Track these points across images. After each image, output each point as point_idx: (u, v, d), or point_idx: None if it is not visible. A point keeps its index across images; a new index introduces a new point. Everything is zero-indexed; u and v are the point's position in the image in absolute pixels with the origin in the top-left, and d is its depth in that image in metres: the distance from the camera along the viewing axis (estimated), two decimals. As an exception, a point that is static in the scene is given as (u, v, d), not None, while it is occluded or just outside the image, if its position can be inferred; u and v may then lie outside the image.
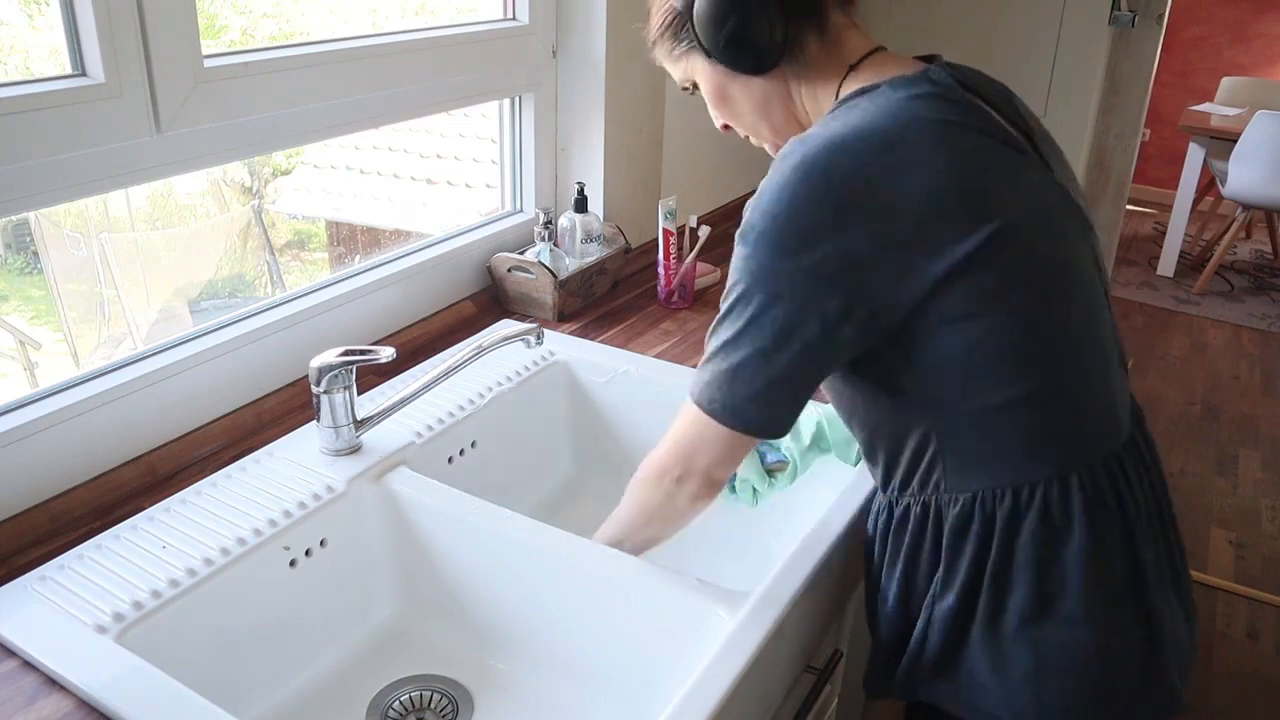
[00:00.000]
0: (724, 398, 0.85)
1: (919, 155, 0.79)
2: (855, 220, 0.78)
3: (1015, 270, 0.80)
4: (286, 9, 1.88)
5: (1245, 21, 5.54)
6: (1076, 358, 0.84)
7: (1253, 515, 2.93)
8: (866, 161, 0.79)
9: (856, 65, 0.89)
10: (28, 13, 1.19)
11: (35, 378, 2.43)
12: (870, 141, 0.79)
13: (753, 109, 0.94)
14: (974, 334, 0.80)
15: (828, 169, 0.78)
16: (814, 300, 0.79)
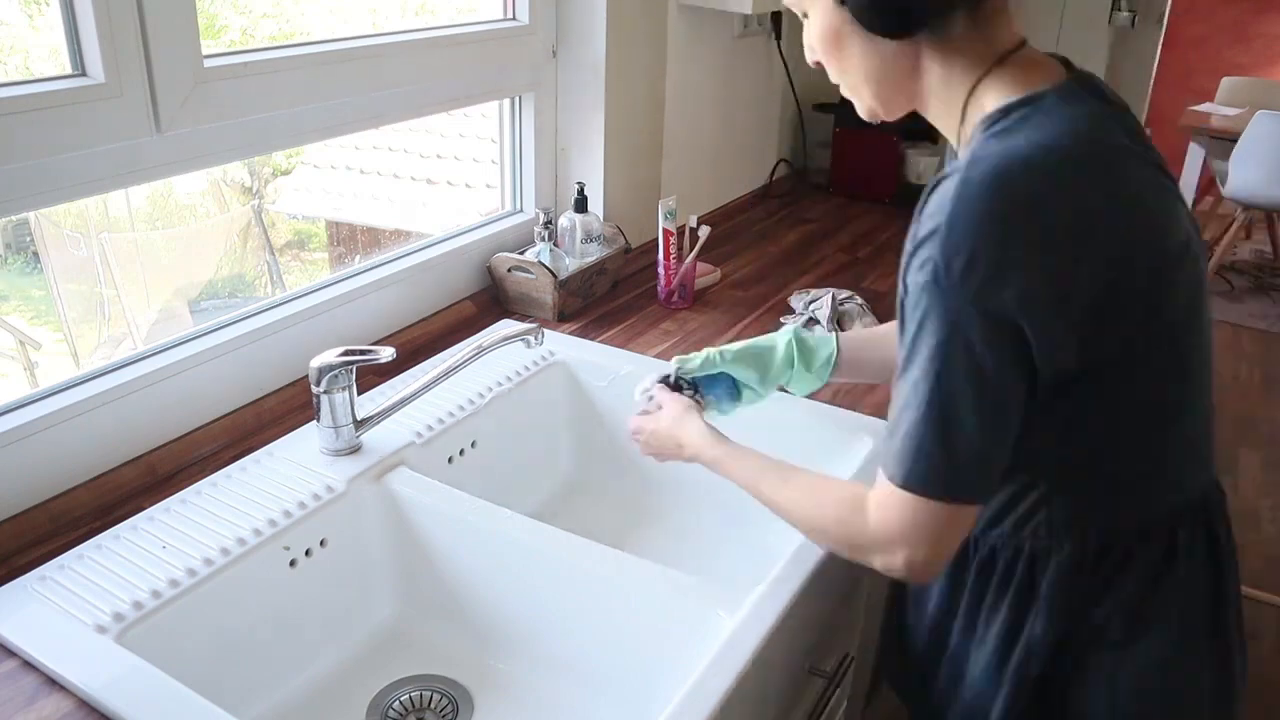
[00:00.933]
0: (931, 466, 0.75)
1: (1109, 185, 0.73)
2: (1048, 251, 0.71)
3: (1173, 318, 0.77)
4: (286, 9, 1.88)
5: (1245, 21, 5.54)
6: (1201, 403, 0.83)
7: (1253, 515, 2.93)
8: (1061, 187, 0.72)
9: (1006, 57, 0.79)
10: (28, 13, 1.19)
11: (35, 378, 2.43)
12: (1065, 167, 0.72)
13: (864, 71, 0.83)
14: (1112, 385, 0.76)
15: (1022, 196, 0.71)
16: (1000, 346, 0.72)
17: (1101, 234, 0.72)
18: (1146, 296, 0.74)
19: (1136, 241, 0.74)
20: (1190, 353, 0.80)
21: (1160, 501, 0.83)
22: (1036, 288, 0.70)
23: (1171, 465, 0.83)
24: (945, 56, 0.79)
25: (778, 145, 2.32)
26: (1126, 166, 0.75)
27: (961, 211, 0.71)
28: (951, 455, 0.74)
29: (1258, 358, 3.99)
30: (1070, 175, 0.72)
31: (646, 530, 1.29)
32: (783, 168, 2.31)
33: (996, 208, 0.70)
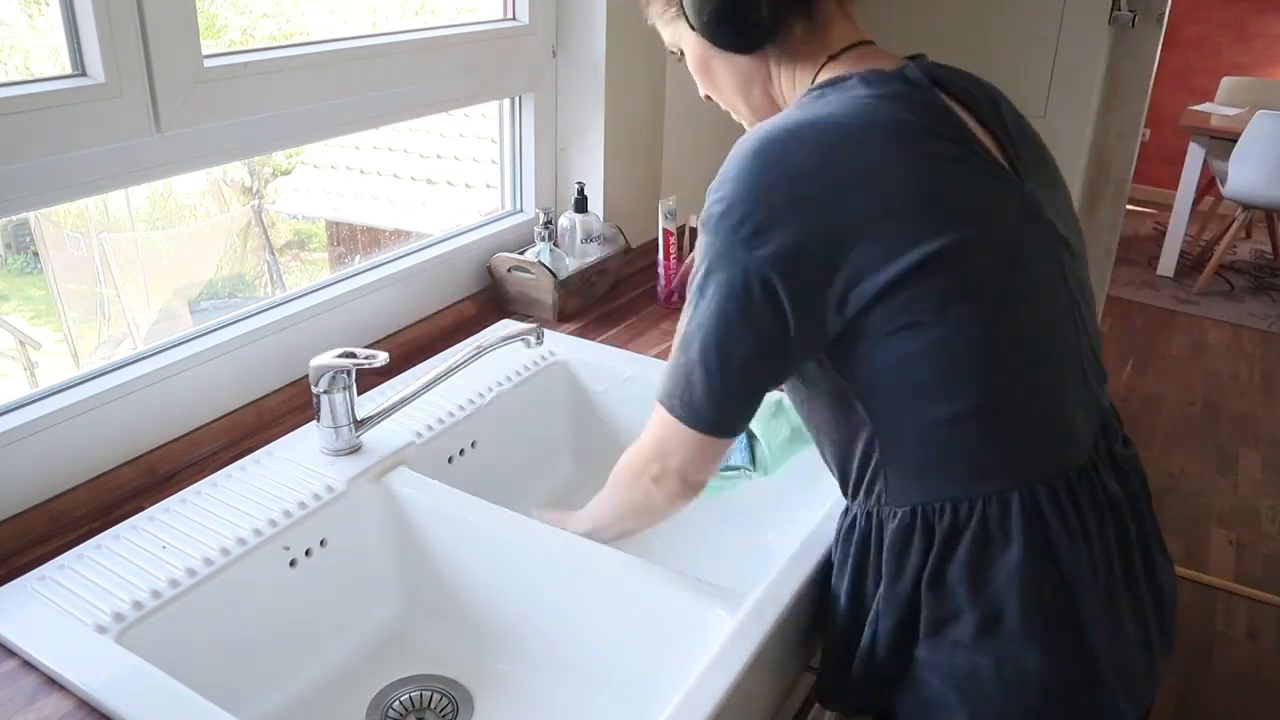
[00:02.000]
0: (683, 395, 0.83)
1: (876, 155, 0.78)
2: (806, 212, 0.76)
3: (960, 285, 0.78)
4: (286, 9, 1.88)
5: (1245, 21, 5.54)
6: (1025, 376, 0.81)
7: (1253, 515, 2.93)
8: (822, 154, 0.78)
9: (837, 55, 0.87)
10: (28, 13, 1.19)
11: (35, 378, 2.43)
12: (829, 135, 0.78)
13: (733, 86, 0.93)
14: (914, 346, 0.78)
15: (781, 157, 0.78)
16: (766, 291, 0.77)
17: (856, 197, 0.76)
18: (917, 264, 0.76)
19: (897, 211, 0.77)
20: (998, 319, 0.79)
21: (987, 474, 0.81)
22: (783, 244, 0.76)
23: (1000, 438, 0.81)
24: (789, 62, 0.89)
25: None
26: (905, 142, 0.79)
27: (730, 166, 0.80)
28: (690, 387, 0.82)
29: (1258, 358, 4.00)
30: (829, 142, 0.78)
31: (646, 530, 1.28)
32: (783, 168, 2.30)
33: (752, 165, 0.78)
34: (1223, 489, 3.06)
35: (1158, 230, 5.22)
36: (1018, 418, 0.82)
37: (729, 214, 0.78)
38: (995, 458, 0.81)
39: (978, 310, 0.78)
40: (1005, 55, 2.14)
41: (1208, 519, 2.90)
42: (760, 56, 0.89)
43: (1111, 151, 2.20)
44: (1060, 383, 0.84)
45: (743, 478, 1.11)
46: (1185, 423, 3.46)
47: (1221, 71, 5.38)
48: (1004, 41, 2.14)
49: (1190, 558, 2.71)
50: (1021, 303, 0.81)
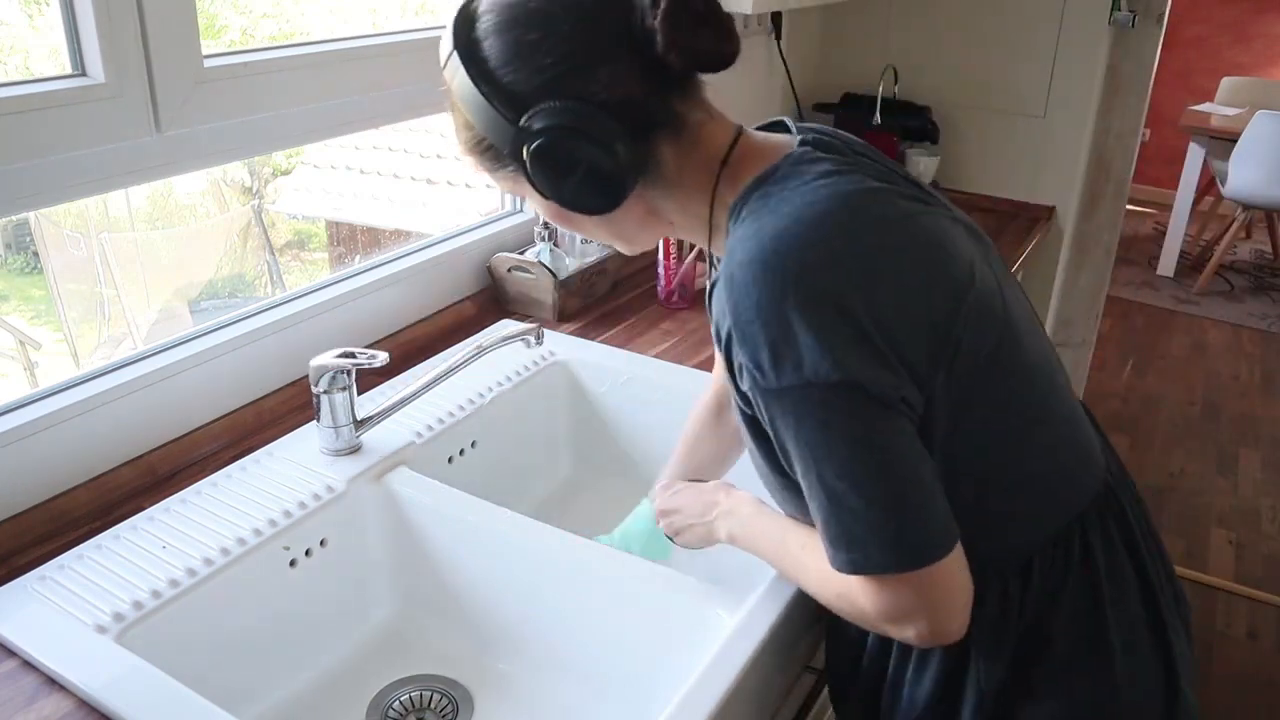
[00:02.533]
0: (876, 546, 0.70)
1: (878, 238, 0.73)
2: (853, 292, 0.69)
3: (989, 336, 0.75)
4: (286, 9, 1.88)
5: (1245, 21, 5.54)
6: (1055, 414, 0.81)
7: (1253, 515, 2.93)
8: (830, 250, 0.70)
9: (726, 159, 0.79)
10: (28, 13, 1.19)
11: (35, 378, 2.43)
12: (823, 229, 0.71)
13: (605, 234, 0.85)
14: (970, 405, 0.74)
15: (796, 272, 0.69)
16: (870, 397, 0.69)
17: (881, 292, 0.70)
18: (949, 327, 0.72)
19: (921, 275, 0.72)
20: (1015, 373, 0.77)
21: (1034, 524, 0.80)
22: (838, 346, 0.68)
23: (1038, 487, 0.80)
24: (670, 189, 0.80)
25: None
26: (884, 205, 0.74)
27: (740, 306, 0.70)
28: (881, 529, 0.69)
29: (1258, 358, 4.00)
30: (829, 232, 0.71)
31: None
32: (783, 168, 2.30)
33: (767, 288, 0.69)
34: (1223, 489, 3.06)
35: (1158, 230, 5.22)
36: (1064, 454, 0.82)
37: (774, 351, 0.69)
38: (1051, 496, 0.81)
39: (1012, 354, 0.77)
40: (1005, 55, 2.14)
41: (1208, 519, 2.90)
42: (635, 197, 0.78)
43: (1111, 151, 2.20)
44: (1072, 403, 0.84)
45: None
46: (1185, 423, 3.46)
47: (1221, 71, 5.38)
48: (1004, 41, 2.14)
49: (1190, 558, 2.71)
50: (1023, 338, 0.79)
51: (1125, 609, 0.82)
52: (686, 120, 0.78)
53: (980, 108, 2.20)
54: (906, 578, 0.70)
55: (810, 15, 2.31)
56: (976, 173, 2.25)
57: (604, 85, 0.73)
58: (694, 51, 0.73)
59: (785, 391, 0.69)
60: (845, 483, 0.70)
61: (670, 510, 1.00)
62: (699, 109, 0.79)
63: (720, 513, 0.93)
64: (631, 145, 0.74)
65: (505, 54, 0.74)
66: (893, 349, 0.69)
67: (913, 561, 0.70)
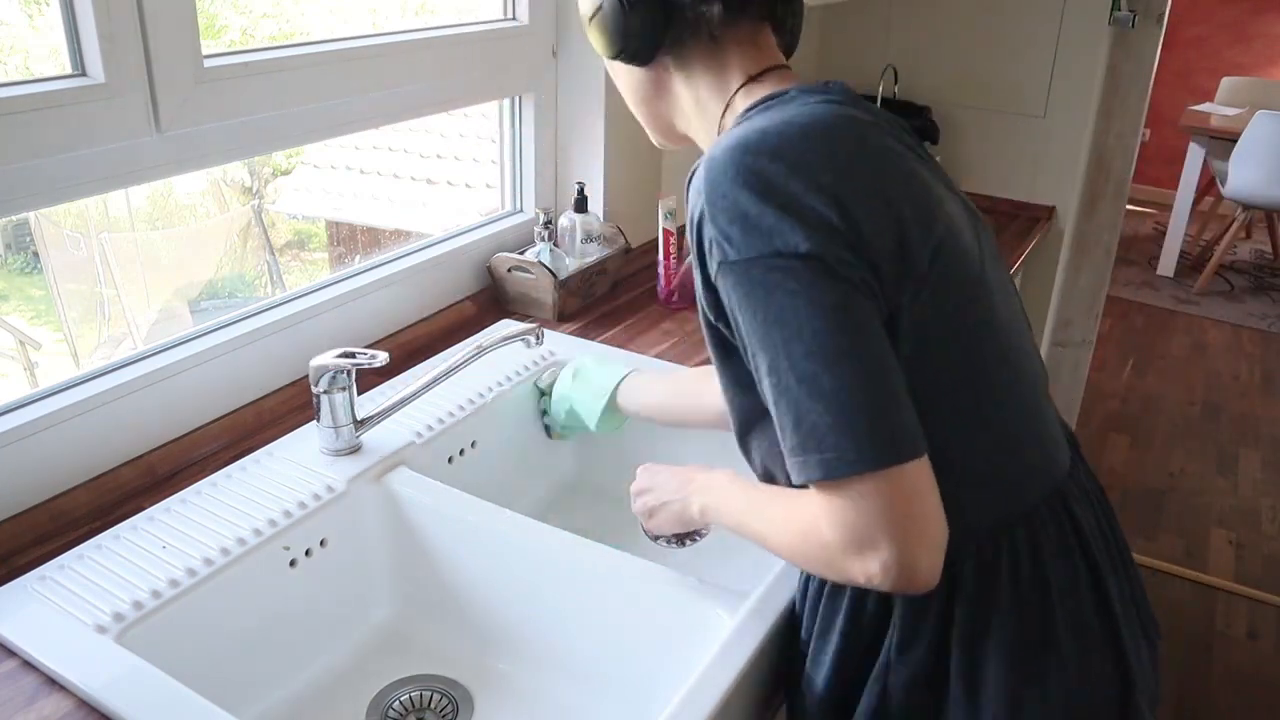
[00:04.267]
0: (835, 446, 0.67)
1: (865, 144, 0.75)
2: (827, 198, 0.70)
3: (955, 292, 0.75)
4: (286, 9, 1.88)
5: (1245, 21, 5.54)
6: (1020, 389, 0.80)
7: (1253, 515, 2.93)
8: (816, 146, 0.73)
9: (758, 77, 0.83)
10: (28, 13, 1.19)
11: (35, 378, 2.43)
12: (813, 130, 0.74)
13: (630, 98, 0.93)
14: (929, 362, 0.73)
15: (774, 152, 0.72)
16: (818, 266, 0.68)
17: (852, 186, 0.71)
18: (916, 250, 0.72)
19: (889, 197, 0.73)
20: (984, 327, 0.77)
21: (1001, 506, 0.78)
22: (810, 223, 0.69)
23: (999, 463, 0.78)
24: (692, 82, 0.86)
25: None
26: (881, 138, 0.77)
27: (715, 181, 0.72)
28: (854, 418, 0.66)
29: (1258, 358, 4.00)
30: (817, 134, 0.74)
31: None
32: (783, 168, 2.30)
33: (744, 165, 0.71)
34: (1223, 489, 3.06)
35: (1158, 230, 5.22)
36: (1015, 435, 0.80)
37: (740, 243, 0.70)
38: (1003, 484, 0.79)
39: (968, 321, 0.76)
40: (1005, 55, 2.14)
41: (1208, 519, 2.90)
42: (659, 73, 0.87)
43: (1111, 151, 2.20)
44: (1036, 390, 0.83)
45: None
46: (1185, 423, 3.46)
47: (1221, 71, 5.38)
48: (1004, 41, 2.14)
49: (1190, 558, 2.71)
50: (994, 314, 0.78)
51: (1069, 609, 0.79)
52: (722, 31, 0.82)
53: (980, 108, 2.20)
54: (877, 484, 0.66)
55: (810, 15, 2.31)
56: (976, 173, 2.25)
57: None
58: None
59: (754, 262, 0.69)
60: (815, 362, 0.67)
61: (645, 489, 0.97)
62: (742, 30, 0.84)
63: (696, 488, 0.91)
64: (661, 15, 0.81)
65: None
66: (862, 247, 0.69)
67: (888, 455, 0.66)
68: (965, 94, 2.21)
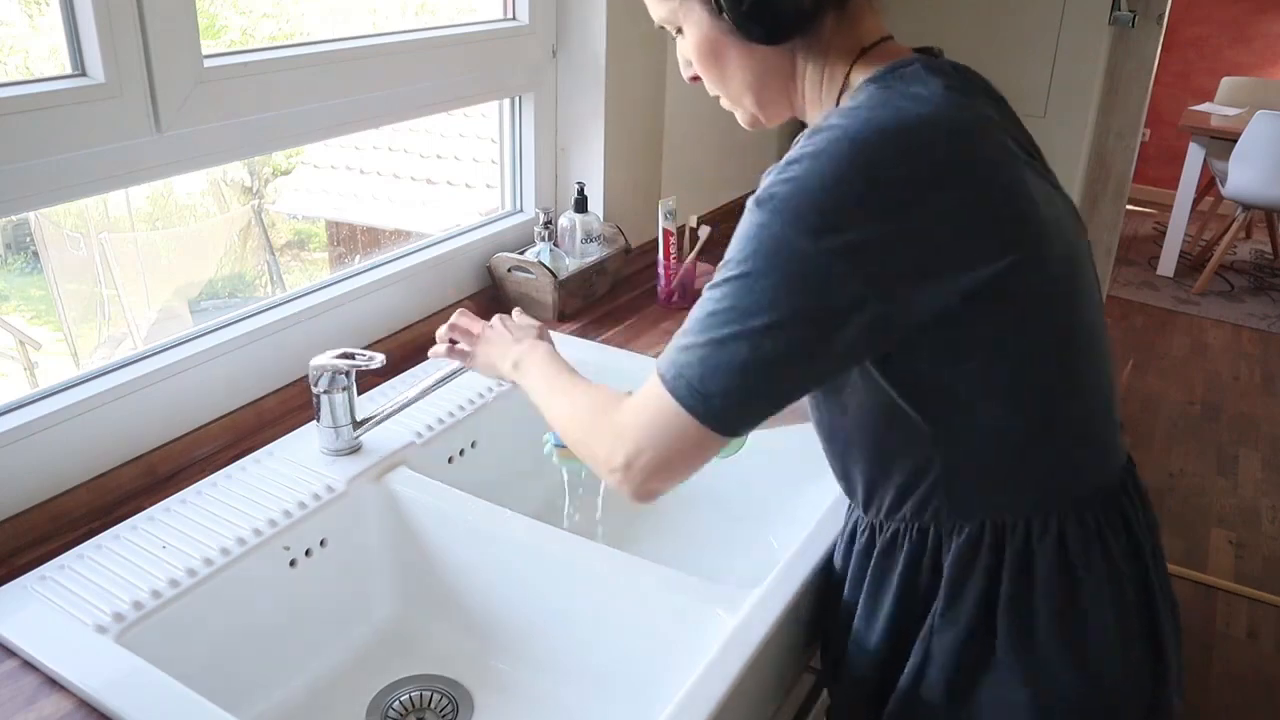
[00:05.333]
0: (695, 377, 0.74)
1: (968, 155, 0.73)
2: (894, 211, 0.70)
3: (1035, 300, 0.76)
4: (287, 9, 1.88)
5: (1245, 21, 5.54)
6: (1094, 388, 0.82)
7: (1253, 515, 2.93)
8: (919, 152, 0.72)
9: (869, 49, 0.81)
10: (28, 13, 1.19)
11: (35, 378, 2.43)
12: (925, 132, 0.72)
13: (746, 79, 0.84)
14: (985, 358, 0.75)
15: (878, 150, 0.71)
16: (825, 289, 0.70)
17: (943, 199, 0.71)
18: (1010, 268, 0.73)
19: (993, 211, 0.73)
20: (1070, 332, 0.79)
21: (1058, 485, 0.81)
22: (854, 241, 0.70)
23: (1065, 447, 0.80)
24: (817, 56, 0.82)
25: (778, 145, 2.32)
26: (993, 137, 0.76)
27: (810, 150, 0.72)
28: (708, 373, 0.73)
29: (1258, 358, 4.00)
30: (926, 141, 0.72)
31: (646, 530, 1.29)
32: (783, 168, 2.31)
33: (836, 154, 0.71)
34: (1223, 489, 3.06)
35: (1158, 230, 5.22)
36: (1081, 431, 0.81)
37: (803, 199, 0.71)
38: (1062, 472, 0.80)
39: (1048, 326, 0.77)
40: (1005, 55, 2.14)
41: (1208, 519, 2.90)
42: (787, 49, 0.82)
43: (1111, 151, 2.20)
44: (1110, 390, 0.84)
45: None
46: (1185, 423, 3.46)
47: (1221, 71, 5.38)
48: (1004, 41, 2.14)
49: (1190, 558, 2.71)
50: (1084, 314, 0.80)
51: (1113, 594, 0.81)
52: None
53: (980, 108, 2.19)
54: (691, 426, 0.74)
55: (810, 15, 2.31)
56: (976, 173, 2.25)
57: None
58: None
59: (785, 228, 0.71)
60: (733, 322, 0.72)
61: (488, 338, 1.05)
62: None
63: (528, 345, 1.00)
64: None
65: None
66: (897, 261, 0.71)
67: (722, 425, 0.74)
68: (965, 94, 2.21)
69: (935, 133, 0.73)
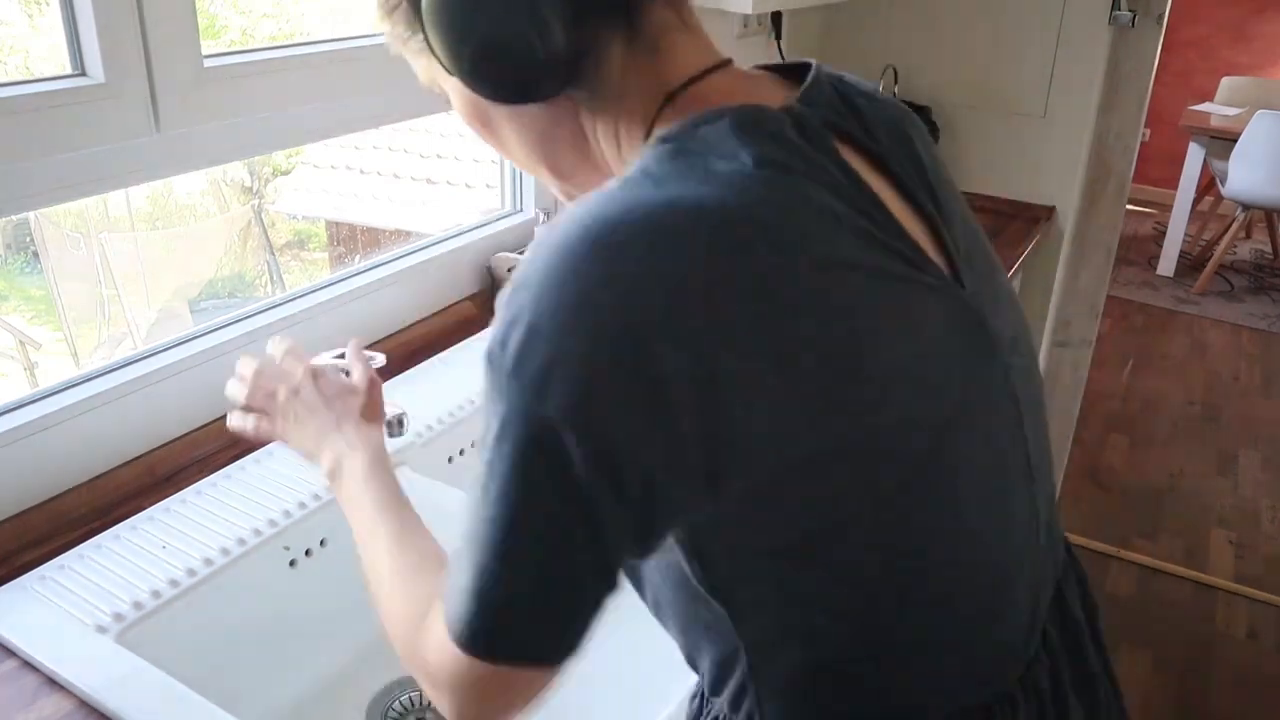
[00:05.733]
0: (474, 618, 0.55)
1: (770, 264, 0.51)
2: (647, 345, 0.48)
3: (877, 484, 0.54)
4: (287, 9, 1.88)
5: (1245, 21, 5.54)
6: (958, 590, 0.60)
7: (1253, 515, 2.93)
8: (682, 256, 0.49)
9: (685, 87, 0.59)
10: (28, 13, 1.19)
11: (35, 378, 2.43)
12: (696, 225, 0.50)
13: (525, 146, 0.64)
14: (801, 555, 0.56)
15: (613, 259, 0.50)
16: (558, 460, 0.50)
17: (734, 330, 0.49)
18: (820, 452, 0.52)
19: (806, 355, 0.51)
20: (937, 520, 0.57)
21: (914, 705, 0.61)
22: (592, 390, 0.49)
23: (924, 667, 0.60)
24: (606, 108, 0.60)
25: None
26: (808, 237, 0.52)
27: (535, 271, 0.50)
28: (487, 606, 0.55)
29: (1258, 358, 4.00)
30: (696, 238, 0.50)
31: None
32: (783, 168, 2.31)
33: (564, 270, 0.49)
34: (1223, 489, 3.06)
35: (1158, 230, 5.22)
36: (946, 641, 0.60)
37: (518, 342, 0.50)
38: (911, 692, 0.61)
39: (897, 517, 0.56)
40: (1005, 55, 2.14)
41: (1208, 519, 2.90)
42: (564, 104, 0.60)
43: (1111, 151, 2.20)
44: (1001, 583, 0.62)
45: None
46: (1185, 423, 3.46)
47: (1221, 71, 5.38)
48: (1004, 41, 2.14)
49: (1190, 558, 2.71)
50: (956, 493, 0.58)
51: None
52: (647, 14, 0.58)
53: (980, 108, 2.20)
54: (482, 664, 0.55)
55: (810, 15, 2.31)
56: (976, 173, 2.25)
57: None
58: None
59: (510, 389, 0.50)
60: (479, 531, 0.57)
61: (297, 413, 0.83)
62: (675, 14, 0.59)
63: (349, 439, 0.79)
64: (571, 26, 0.55)
65: None
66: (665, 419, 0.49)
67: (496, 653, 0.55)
68: (965, 94, 2.21)
69: (703, 237, 0.50)
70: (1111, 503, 2.95)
